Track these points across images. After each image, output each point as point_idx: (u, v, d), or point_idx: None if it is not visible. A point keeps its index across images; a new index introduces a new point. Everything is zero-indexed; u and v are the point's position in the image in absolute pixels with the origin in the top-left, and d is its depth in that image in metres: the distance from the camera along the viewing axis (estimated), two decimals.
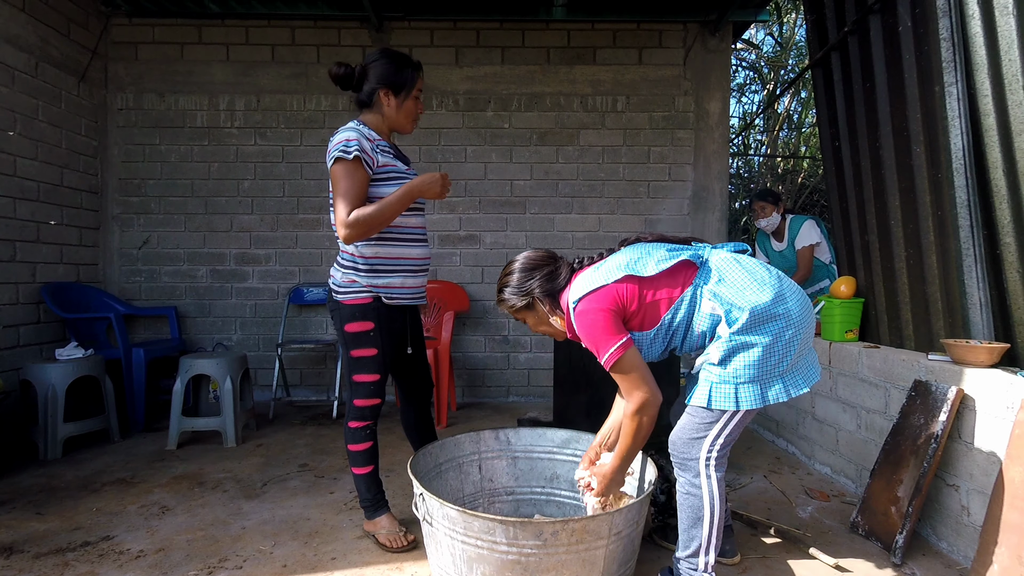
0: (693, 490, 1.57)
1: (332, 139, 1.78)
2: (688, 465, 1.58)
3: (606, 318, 1.52)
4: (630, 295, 1.54)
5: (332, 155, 1.74)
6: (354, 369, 1.90)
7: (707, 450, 1.55)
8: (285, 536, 2.08)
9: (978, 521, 1.83)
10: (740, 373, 1.49)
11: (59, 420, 2.88)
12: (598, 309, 1.53)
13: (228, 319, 4.16)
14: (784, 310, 1.49)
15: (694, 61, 4.14)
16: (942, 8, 2.12)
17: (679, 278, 1.56)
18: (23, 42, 3.31)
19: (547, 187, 4.17)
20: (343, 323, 1.88)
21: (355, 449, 1.96)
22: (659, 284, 1.56)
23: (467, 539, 1.50)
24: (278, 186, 4.13)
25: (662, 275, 1.55)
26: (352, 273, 1.86)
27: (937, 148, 2.17)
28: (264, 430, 3.44)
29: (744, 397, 1.49)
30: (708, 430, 1.55)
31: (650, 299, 1.55)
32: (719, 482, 1.57)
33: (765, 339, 1.48)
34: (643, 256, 1.58)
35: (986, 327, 2.05)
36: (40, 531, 2.10)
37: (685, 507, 1.60)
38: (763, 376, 1.49)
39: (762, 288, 1.50)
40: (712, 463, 1.56)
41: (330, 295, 1.94)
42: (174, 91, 4.08)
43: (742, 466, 2.85)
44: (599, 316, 1.52)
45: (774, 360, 1.49)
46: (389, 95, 1.87)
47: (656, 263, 1.55)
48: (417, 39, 4.11)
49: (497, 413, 3.87)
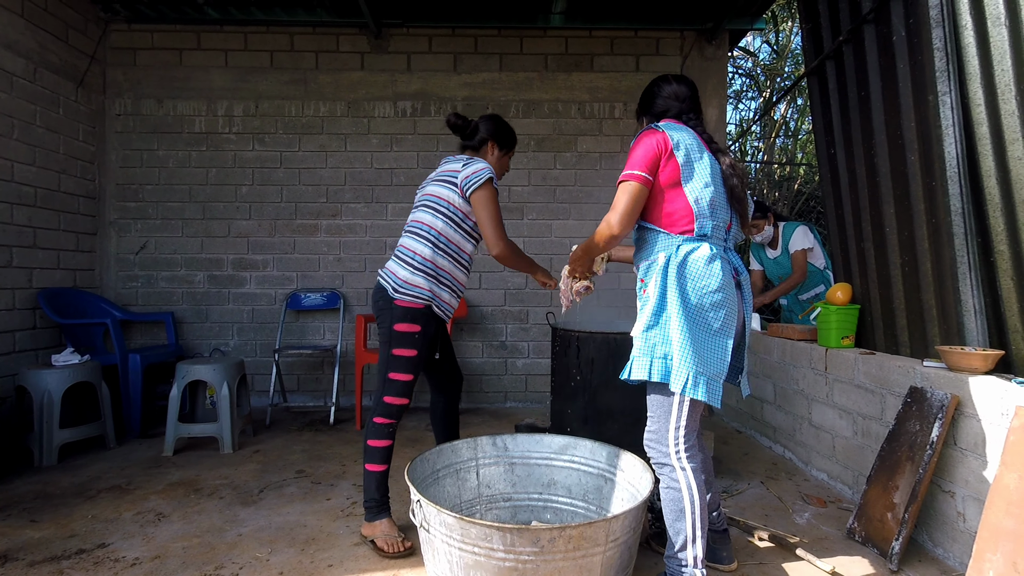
0: (672, 484, 1.65)
1: (469, 167, 2.01)
2: (663, 463, 1.67)
3: (649, 153, 1.64)
4: (669, 171, 1.64)
5: (480, 178, 1.97)
6: (391, 367, 2.00)
7: (674, 442, 1.65)
8: (282, 543, 2.07)
9: (974, 527, 1.83)
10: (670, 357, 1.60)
11: (55, 426, 2.86)
12: (650, 144, 1.65)
13: (225, 324, 4.15)
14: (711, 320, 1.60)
15: (691, 68, 4.17)
16: (936, 18, 2.14)
17: (683, 221, 1.65)
18: (21, 48, 3.32)
19: (545, 193, 4.18)
20: (393, 321, 1.99)
21: (374, 445, 2.01)
22: (676, 202, 1.66)
23: (464, 546, 1.50)
24: (276, 192, 4.13)
25: (686, 201, 1.65)
26: (422, 277, 2.01)
27: (931, 156, 2.19)
28: (261, 436, 3.43)
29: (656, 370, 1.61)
30: (667, 421, 1.65)
31: (662, 196, 1.66)
32: (694, 472, 1.64)
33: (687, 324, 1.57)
34: (703, 179, 1.65)
35: (981, 334, 2.07)
36: (35, 538, 2.09)
37: (667, 504, 1.66)
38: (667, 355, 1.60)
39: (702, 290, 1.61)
40: (682, 454, 1.64)
41: (382, 290, 2.04)
42: (172, 97, 4.08)
43: (739, 472, 2.86)
44: (647, 147, 1.65)
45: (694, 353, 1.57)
46: (495, 147, 2.19)
47: (695, 191, 1.64)
48: (416, 46, 4.13)
49: (494, 419, 3.86)
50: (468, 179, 1.98)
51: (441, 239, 2.03)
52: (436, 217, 2.04)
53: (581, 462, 2.09)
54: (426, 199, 2.09)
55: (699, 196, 1.63)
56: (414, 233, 2.06)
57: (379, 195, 4.15)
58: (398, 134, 4.14)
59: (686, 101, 1.78)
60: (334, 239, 4.16)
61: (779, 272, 3.61)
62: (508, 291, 4.19)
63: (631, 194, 1.63)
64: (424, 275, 2.00)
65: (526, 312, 4.21)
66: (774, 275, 3.68)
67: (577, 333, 2.60)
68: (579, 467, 2.09)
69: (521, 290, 4.21)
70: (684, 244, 1.64)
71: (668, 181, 1.64)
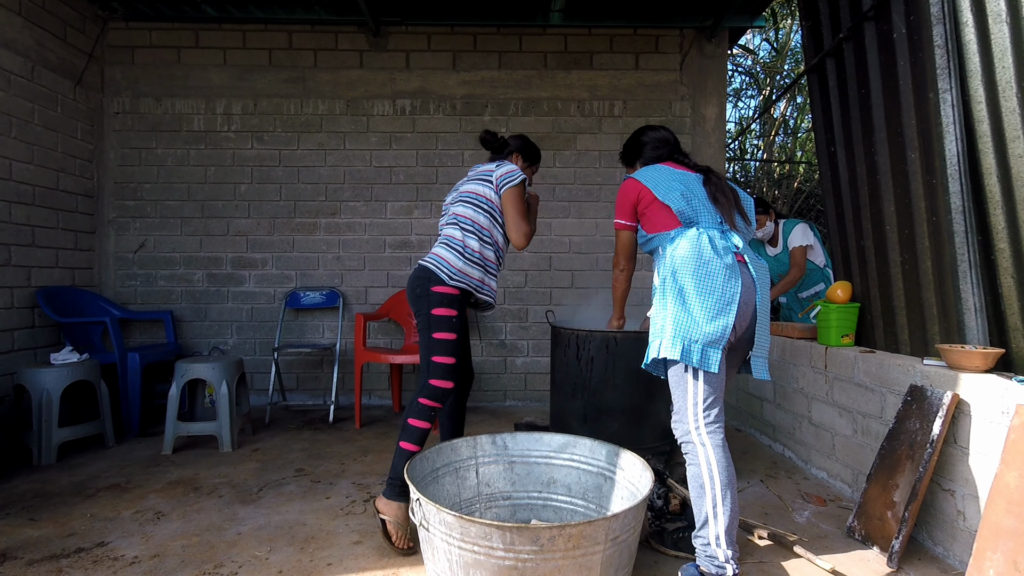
0: (692, 460, 1.69)
1: (503, 167, 2.19)
2: (686, 440, 1.73)
3: (626, 201, 1.96)
4: (645, 200, 1.90)
5: (515, 177, 2.16)
6: (433, 351, 2.09)
7: (693, 418, 1.70)
8: (281, 542, 2.07)
9: (974, 526, 1.83)
10: (665, 329, 1.73)
11: (53, 425, 2.86)
12: (625, 193, 1.96)
13: (224, 323, 4.14)
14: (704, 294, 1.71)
15: (691, 66, 4.16)
16: (936, 15, 2.14)
17: (670, 220, 1.84)
18: (19, 46, 3.31)
19: (544, 192, 4.17)
20: (431, 307, 2.09)
21: (415, 424, 2.04)
22: (661, 212, 1.86)
23: (464, 545, 1.49)
24: (275, 190, 4.13)
25: (668, 207, 1.84)
26: (475, 268, 2.14)
27: (932, 154, 2.18)
28: (260, 435, 3.43)
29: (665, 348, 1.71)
30: (684, 398, 1.72)
31: (651, 215, 1.89)
32: (715, 448, 1.67)
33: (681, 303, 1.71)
34: (671, 188, 1.85)
35: (981, 332, 2.06)
36: (34, 537, 2.08)
37: (691, 481, 1.68)
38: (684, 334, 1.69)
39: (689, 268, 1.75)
40: (702, 430, 1.68)
41: (424, 277, 2.12)
42: (171, 95, 4.07)
43: (739, 471, 2.85)
44: (623, 196, 1.97)
45: (689, 326, 1.68)
46: (519, 158, 2.39)
47: (667, 197, 1.83)
48: (414, 44, 4.12)
49: (494, 417, 3.86)
50: (503, 177, 2.17)
51: (484, 233, 2.17)
52: (478, 212, 2.18)
53: (581, 460, 2.08)
54: (465, 195, 2.22)
55: (680, 203, 1.83)
56: (460, 226, 2.18)
57: (378, 193, 4.15)
58: (397, 132, 4.14)
59: (674, 144, 2.06)
60: (333, 237, 4.15)
61: (780, 270, 3.61)
62: (507, 289, 4.19)
63: (620, 239, 2.03)
64: (477, 266, 2.16)
65: (525, 311, 4.20)
66: (774, 272, 3.67)
67: (577, 332, 2.60)
68: (579, 465, 2.09)
69: (520, 288, 4.20)
70: (677, 233, 1.83)
71: (650, 206, 1.89)
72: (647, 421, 2.57)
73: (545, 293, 4.21)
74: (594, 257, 4.20)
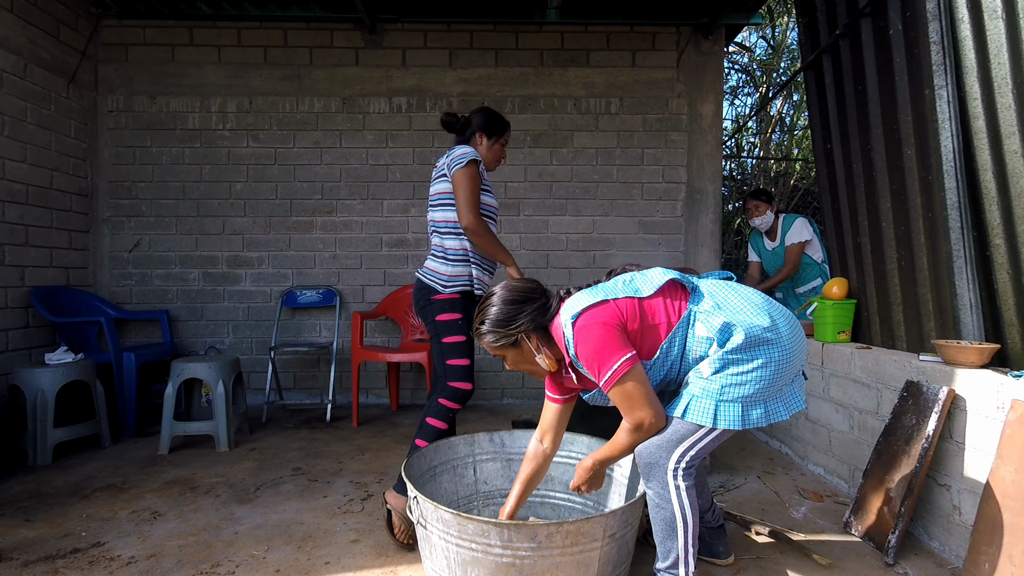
0: (663, 503, 1.53)
1: (451, 154, 2.12)
2: (653, 474, 1.53)
3: (610, 331, 1.46)
4: (631, 312, 1.51)
5: (462, 160, 2.07)
6: (447, 355, 2.11)
7: (675, 461, 1.51)
8: (278, 541, 2.06)
9: (969, 521, 1.84)
10: (725, 392, 1.47)
11: (49, 425, 2.84)
12: (602, 323, 1.47)
13: (220, 322, 4.13)
14: (775, 336, 1.49)
15: (687, 64, 4.16)
16: (932, 12, 2.14)
17: (676, 301, 1.55)
18: (11, 44, 3.29)
19: (541, 189, 4.17)
20: (435, 314, 2.12)
21: (432, 423, 2.06)
22: (657, 306, 1.54)
23: (462, 542, 1.49)
24: (271, 188, 4.11)
25: (659, 296, 1.54)
26: (462, 267, 2.13)
27: (928, 150, 2.19)
28: (257, 434, 3.42)
29: (723, 416, 1.47)
30: (680, 443, 1.51)
31: (650, 321, 1.52)
32: (688, 491, 1.52)
33: (756, 362, 1.47)
34: (639, 277, 1.58)
35: (977, 328, 2.07)
36: (29, 538, 2.07)
37: (658, 520, 1.55)
38: (747, 397, 1.47)
39: (757, 312, 1.50)
40: (680, 473, 1.51)
41: (423, 288, 2.15)
42: (165, 93, 4.05)
43: (736, 467, 2.86)
44: (603, 330, 1.46)
45: (762, 384, 1.47)
46: (483, 137, 2.26)
47: (652, 282, 1.55)
48: (410, 41, 4.10)
49: (491, 415, 3.86)
50: (451, 163, 2.11)
51: (459, 227, 2.14)
52: (447, 211, 2.15)
53: (578, 458, 2.08)
54: (434, 198, 2.21)
55: (657, 280, 1.55)
56: (438, 231, 2.18)
57: (374, 191, 4.14)
58: (393, 130, 4.12)
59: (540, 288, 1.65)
60: (329, 236, 4.14)
61: (777, 264, 3.61)
62: None
63: (638, 378, 1.46)
64: (463, 264, 2.14)
65: None
66: (771, 266, 3.68)
67: None
68: (576, 462, 2.09)
69: None
70: (680, 330, 1.52)
71: (638, 314, 1.52)
72: None
73: None
74: (591, 255, 4.20)
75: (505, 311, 1.58)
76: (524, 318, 1.57)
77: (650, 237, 4.20)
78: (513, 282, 1.67)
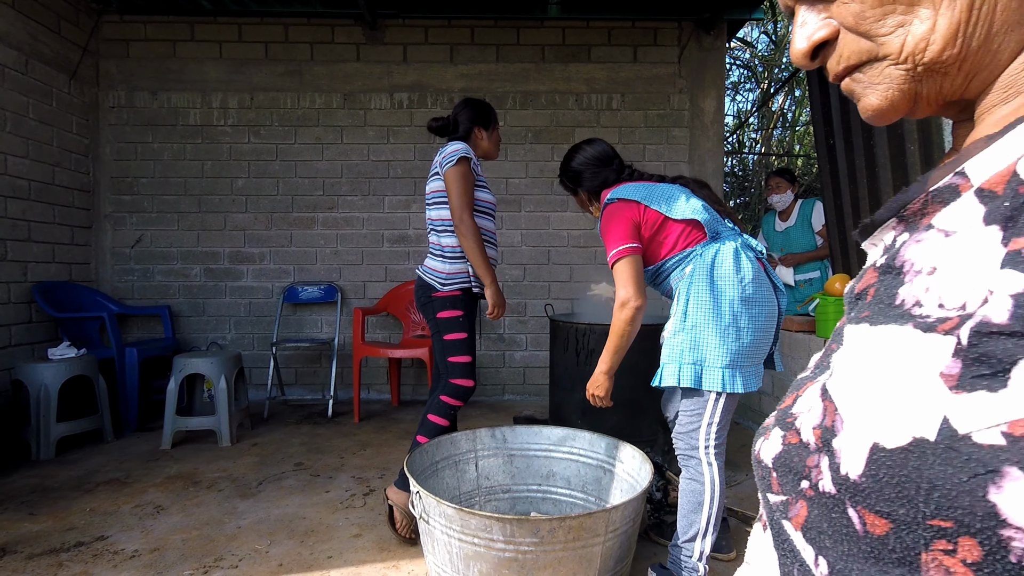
0: (697, 477, 1.66)
1: (443, 152, 2.09)
2: (692, 455, 1.68)
3: (626, 223, 1.67)
4: (651, 223, 1.69)
5: (453, 158, 2.05)
6: (447, 352, 2.12)
7: (704, 438, 1.65)
8: (281, 535, 2.07)
9: None
10: (704, 356, 1.60)
11: (52, 420, 2.85)
12: (624, 216, 1.68)
13: (222, 318, 4.14)
14: (754, 311, 1.61)
15: (689, 59, 4.15)
16: None
17: (691, 235, 1.69)
18: (13, 39, 3.28)
19: (542, 185, 4.16)
20: (435, 312, 2.12)
21: (434, 420, 2.09)
22: (674, 230, 1.69)
23: (464, 537, 1.50)
24: (272, 184, 4.11)
25: (681, 223, 1.69)
26: (460, 264, 2.13)
27: (931, 146, 2.18)
28: (259, 429, 3.43)
29: (708, 380, 1.60)
30: (700, 419, 1.65)
31: (662, 237, 1.70)
32: (720, 470, 1.65)
33: (720, 324, 1.59)
34: (681, 199, 1.71)
35: None
36: (33, 532, 2.08)
37: (687, 494, 1.67)
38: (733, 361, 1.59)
39: (737, 286, 1.61)
40: (711, 450, 1.65)
41: (424, 286, 2.16)
42: (166, 89, 4.05)
43: (738, 463, 2.87)
44: (622, 219, 1.68)
45: (734, 349, 1.59)
46: (481, 131, 2.22)
47: (684, 210, 1.68)
48: (411, 37, 4.09)
49: (493, 411, 3.87)
50: (443, 161, 2.10)
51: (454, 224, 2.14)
52: (441, 208, 2.14)
53: (580, 453, 2.09)
54: (429, 196, 2.20)
55: (691, 211, 1.68)
56: (435, 229, 2.18)
57: (376, 187, 4.13)
58: (394, 126, 4.12)
59: (617, 159, 1.86)
60: (331, 232, 4.14)
61: (784, 244, 3.60)
62: (506, 283, 4.19)
63: (632, 265, 1.64)
64: (461, 261, 2.13)
65: (524, 305, 4.20)
66: (776, 247, 3.67)
67: (576, 325, 2.60)
68: (578, 458, 2.09)
69: (519, 282, 4.20)
70: (705, 249, 1.66)
71: (655, 227, 1.70)
72: (646, 414, 2.58)
73: (544, 287, 4.21)
74: (592, 251, 4.20)
75: (578, 167, 1.86)
76: (586, 178, 1.85)
77: None
78: (599, 144, 1.87)
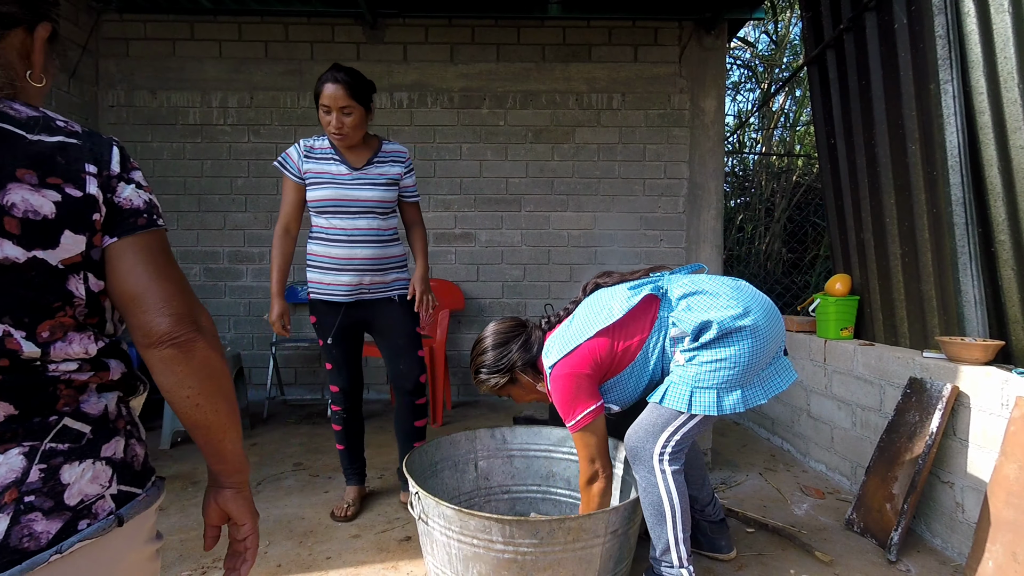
0: (650, 487, 1.57)
1: None
2: (640, 458, 1.58)
3: (580, 382, 1.58)
4: (602, 350, 1.60)
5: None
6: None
7: (660, 446, 1.56)
8: (279, 535, 2.06)
9: (973, 518, 1.83)
10: (700, 379, 1.51)
11: None
12: (573, 374, 1.59)
13: (221, 318, 4.13)
14: (749, 323, 1.51)
15: (689, 59, 4.14)
16: (938, 5, 2.12)
17: (647, 316, 1.62)
18: None
19: (542, 185, 4.16)
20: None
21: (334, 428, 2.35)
22: (628, 327, 1.61)
23: (463, 538, 1.49)
24: (272, 184, 4.10)
25: (629, 316, 1.61)
26: (312, 271, 2.15)
27: (932, 146, 2.17)
28: (258, 429, 3.42)
29: (698, 402, 1.51)
30: (664, 428, 1.56)
31: (622, 347, 1.61)
32: (675, 475, 1.56)
33: (730, 349, 1.50)
34: (607, 302, 1.65)
35: (981, 324, 2.06)
36: None
37: (647, 504, 1.59)
38: (722, 384, 1.50)
39: (728, 302, 1.54)
40: (666, 458, 1.56)
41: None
42: (166, 88, 4.04)
43: (737, 464, 2.86)
44: (575, 381, 1.58)
45: (736, 370, 1.50)
46: (319, 111, 2.07)
47: (620, 305, 1.61)
48: (411, 36, 4.09)
49: (493, 412, 3.86)
50: None
51: (312, 228, 2.14)
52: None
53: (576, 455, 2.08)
54: None
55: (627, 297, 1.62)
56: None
57: None
58: (394, 126, 4.11)
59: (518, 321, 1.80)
60: None
61: None
62: (506, 283, 4.18)
63: (595, 432, 1.58)
64: (313, 269, 2.14)
65: (524, 305, 4.19)
66: None
67: None
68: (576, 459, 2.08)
69: (519, 283, 4.19)
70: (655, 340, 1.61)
71: (614, 339, 1.61)
72: None
73: (544, 287, 4.20)
74: (592, 251, 4.19)
75: (493, 355, 1.75)
76: (513, 356, 1.73)
77: (652, 233, 4.18)
78: (494, 324, 1.81)
